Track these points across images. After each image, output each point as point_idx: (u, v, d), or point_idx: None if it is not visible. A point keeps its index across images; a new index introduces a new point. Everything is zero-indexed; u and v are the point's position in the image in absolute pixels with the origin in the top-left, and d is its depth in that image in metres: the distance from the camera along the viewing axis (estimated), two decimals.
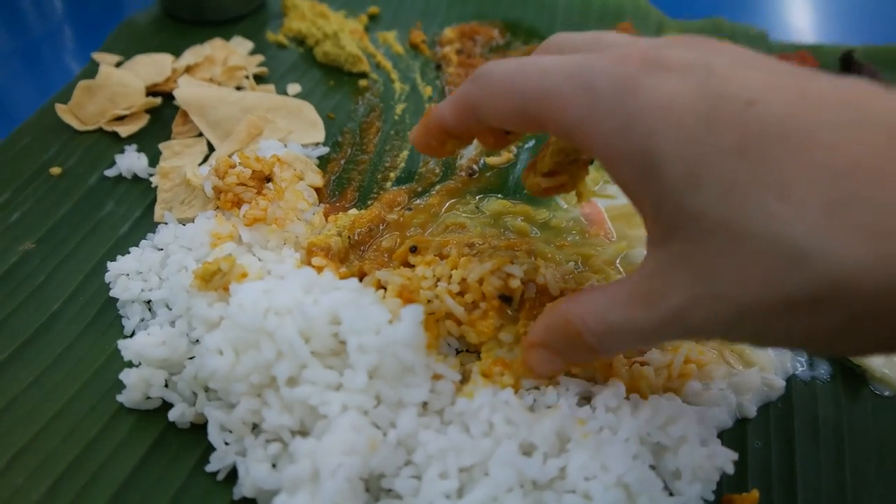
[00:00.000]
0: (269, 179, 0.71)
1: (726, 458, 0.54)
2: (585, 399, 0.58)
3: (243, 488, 0.54)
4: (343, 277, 0.61)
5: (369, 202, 0.79)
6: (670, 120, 0.40)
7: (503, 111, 0.49)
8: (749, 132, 0.38)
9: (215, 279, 0.60)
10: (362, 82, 0.98)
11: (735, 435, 0.61)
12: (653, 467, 0.54)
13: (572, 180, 0.58)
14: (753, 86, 0.40)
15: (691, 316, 0.41)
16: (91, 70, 0.94)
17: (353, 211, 0.76)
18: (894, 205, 0.34)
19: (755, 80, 0.40)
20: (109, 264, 0.70)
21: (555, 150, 0.56)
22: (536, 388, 0.58)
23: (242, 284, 0.58)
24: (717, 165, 0.38)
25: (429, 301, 0.60)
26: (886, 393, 0.65)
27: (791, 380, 0.65)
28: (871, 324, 0.36)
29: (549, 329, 0.52)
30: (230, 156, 0.72)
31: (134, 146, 0.85)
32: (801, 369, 0.66)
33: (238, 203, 0.69)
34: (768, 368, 0.65)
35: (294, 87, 0.96)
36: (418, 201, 0.79)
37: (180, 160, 0.82)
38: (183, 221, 0.73)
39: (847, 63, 0.99)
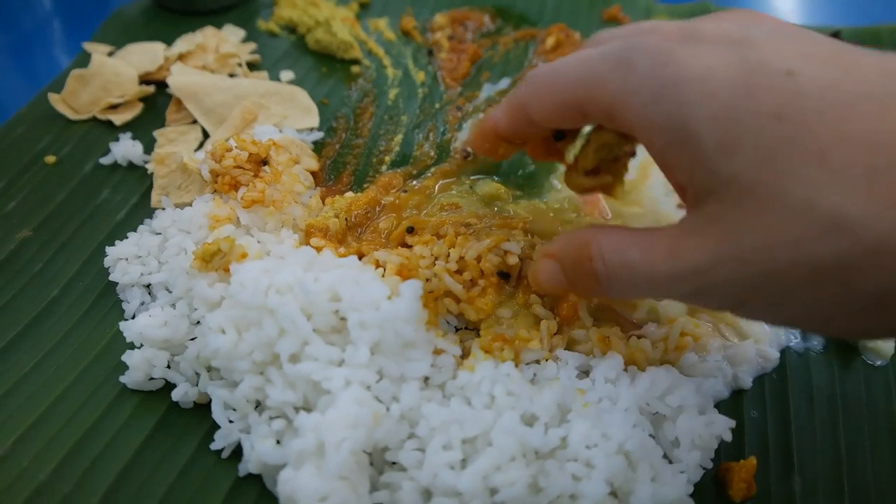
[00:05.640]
0: (265, 162, 0.72)
1: (724, 427, 0.55)
2: (584, 373, 0.59)
3: (249, 464, 0.55)
4: (342, 257, 0.62)
5: (365, 185, 0.79)
6: (704, 90, 0.40)
7: (548, 104, 0.50)
8: (788, 101, 0.38)
9: (215, 260, 0.60)
10: (355, 68, 0.98)
11: (731, 405, 0.62)
12: (652, 436, 0.55)
13: (616, 180, 0.56)
14: (792, 57, 0.40)
15: (712, 275, 0.42)
16: (83, 60, 0.94)
17: (350, 194, 0.76)
18: None
19: (794, 52, 0.40)
20: (108, 249, 0.70)
21: (597, 145, 0.54)
22: (537, 362, 0.59)
23: (243, 264, 0.59)
24: (753, 132, 0.39)
25: (427, 280, 0.60)
26: (879, 363, 0.66)
27: (785, 351, 0.66)
28: None
29: (566, 244, 0.53)
30: (226, 140, 0.72)
31: (128, 134, 0.85)
32: (794, 341, 0.67)
33: (235, 186, 0.69)
34: (763, 340, 0.66)
35: (287, 74, 0.96)
36: (414, 183, 0.80)
37: (175, 147, 0.82)
38: (180, 206, 0.73)
39: None
